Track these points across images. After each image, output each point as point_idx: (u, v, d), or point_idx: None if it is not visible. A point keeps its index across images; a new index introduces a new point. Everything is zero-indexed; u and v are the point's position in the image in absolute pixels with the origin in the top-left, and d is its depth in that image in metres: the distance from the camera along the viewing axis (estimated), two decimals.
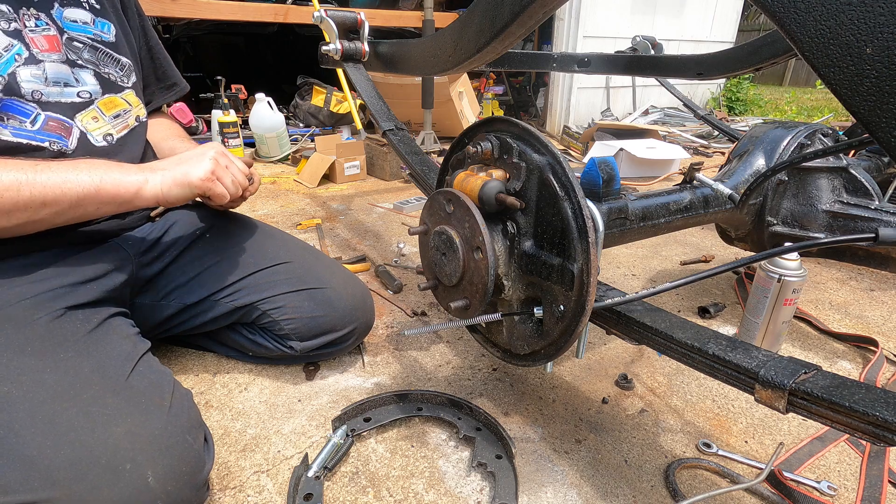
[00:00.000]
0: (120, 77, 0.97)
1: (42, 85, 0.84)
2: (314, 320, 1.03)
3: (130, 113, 0.99)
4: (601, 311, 0.75)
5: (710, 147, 3.57)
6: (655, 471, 0.87)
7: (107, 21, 0.95)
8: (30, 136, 0.82)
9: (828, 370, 0.56)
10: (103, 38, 0.94)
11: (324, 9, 1.28)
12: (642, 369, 1.15)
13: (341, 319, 1.06)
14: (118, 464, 0.58)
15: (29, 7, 0.83)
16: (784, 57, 1.21)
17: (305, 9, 3.07)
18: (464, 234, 0.72)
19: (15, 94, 0.80)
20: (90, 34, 0.91)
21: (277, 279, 1.04)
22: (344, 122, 3.50)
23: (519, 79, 4.66)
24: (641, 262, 1.75)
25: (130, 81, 0.99)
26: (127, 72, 0.98)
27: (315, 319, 1.03)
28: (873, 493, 0.83)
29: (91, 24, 0.92)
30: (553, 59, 1.69)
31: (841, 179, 1.14)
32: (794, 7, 0.33)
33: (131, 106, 0.99)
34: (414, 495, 0.82)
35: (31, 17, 0.83)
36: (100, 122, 0.92)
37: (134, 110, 1.00)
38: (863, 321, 1.36)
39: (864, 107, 0.33)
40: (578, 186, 0.65)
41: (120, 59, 0.97)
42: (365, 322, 1.11)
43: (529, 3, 0.59)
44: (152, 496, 0.59)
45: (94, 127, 0.91)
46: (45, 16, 0.85)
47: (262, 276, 1.04)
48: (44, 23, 0.84)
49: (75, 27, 0.89)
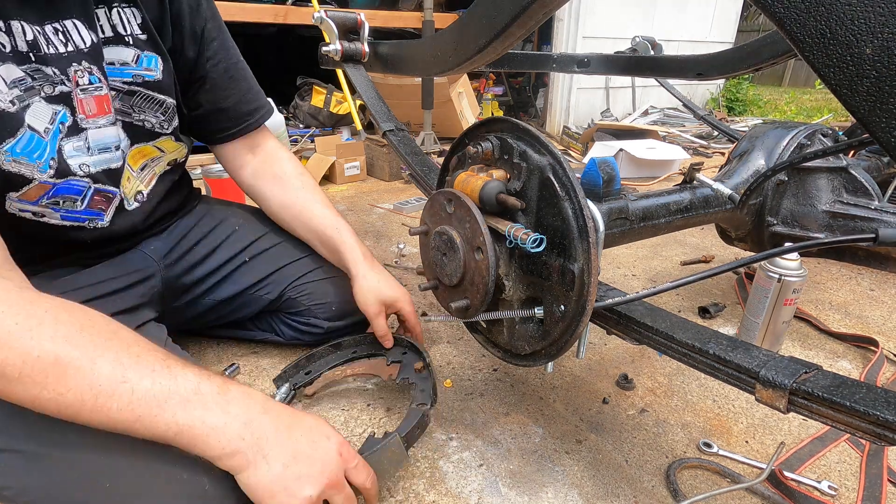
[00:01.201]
0: (159, 122, 0.85)
1: (86, 155, 0.75)
2: (341, 305, 1.06)
3: (161, 159, 0.89)
4: (602, 311, 0.75)
5: (710, 147, 3.57)
6: (656, 471, 0.87)
7: (153, 54, 0.81)
8: (75, 217, 0.77)
9: (828, 370, 0.56)
10: (146, 77, 0.80)
11: (324, 9, 1.28)
12: (643, 369, 1.15)
13: None
14: (176, 474, 0.59)
15: (80, 61, 0.71)
16: (784, 57, 1.21)
17: (305, 9, 3.07)
18: (464, 234, 0.72)
19: (68, 175, 0.73)
20: (129, 77, 0.79)
21: (306, 270, 1.06)
22: (344, 122, 3.50)
23: (519, 79, 4.66)
24: (642, 263, 1.75)
25: (171, 126, 0.87)
26: (169, 115, 0.86)
27: (342, 304, 1.06)
28: (874, 492, 0.83)
29: (133, 62, 0.79)
30: (553, 59, 1.69)
31: (841, 179, 1.14)
32: (794, 7, 0.33)
33: (164, 152, 0.89)
34: (415, 495, 0.82)
35: (84, 73, 0.71)
36: (132, 182, 0.84)
37: (167, 156, 0.90)
38: (863, 321, 1.36)
39: (864, 107, 0.33)
40: (579, 187, 0.65)
41: (164, 101, 0.84)
42: None
43: (529, 4, 0.59)
44: (211, 502, 0.60)
45: (128, 189, 0.84)
46: (98, 69, 0.73)
47: (292, 269, 1.06)
48: (96, 79, 0.73)
49: (112, 72, 0.77)
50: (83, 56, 0.71)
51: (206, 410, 0.55)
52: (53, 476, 0.57)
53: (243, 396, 0.58)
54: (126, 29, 0.78)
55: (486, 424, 0.97)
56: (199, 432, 0.54)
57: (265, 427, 0.58)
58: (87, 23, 0.72)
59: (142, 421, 0.53)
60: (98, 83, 0.73)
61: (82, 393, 0.51)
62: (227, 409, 0.56)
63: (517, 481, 0.84)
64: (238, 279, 1.03)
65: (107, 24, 0.76)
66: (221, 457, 0.55)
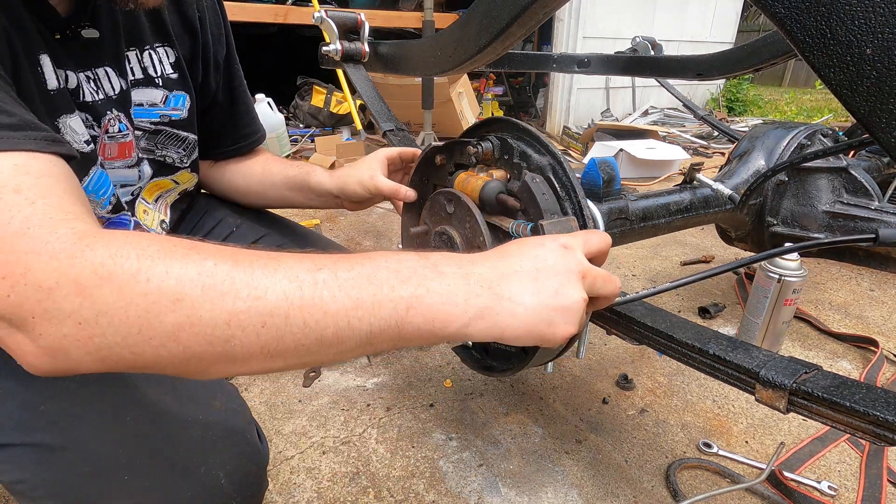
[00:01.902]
0: (179, 157, 0.85)
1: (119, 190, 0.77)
2: None
3: (174, 190, 0.89)
4: (602, 312, 0.75)
5: (710, 148, 3.57)
6: (656, 471, 0.87)
7: (182, 93, 0.81)
8: None
9: (828, 370, 0.56)
10: (173, 116, 0.81)
11: (324, 9, 1.28)
12: (643, 369, 1.15)
13: None
14: (193, 469, 0.59)
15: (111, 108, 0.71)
16: (784, 57, 1.21)
17: (305, 9, 3.08)
18: (465, 234, 0.72)
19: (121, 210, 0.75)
20: (156, 118, 0.79)
21: None
22: (344, 122, 3.50)
23: (519, 79, 4.66)
24: (642, 263, 1.75)
25: (191, 160, 0.87)
26: (190, 150, 0.86)
27: None
28: (874, 492, 0.83)
29: (161, 103, 0.79)
30: (553, 59, 1.69)
31: (841, 180, 1.14)
32: (795, 7, 0.33)
33: (178, 184, 0.89)
34: (415, 495, 0.82)
35: (115, 122, 0.72)
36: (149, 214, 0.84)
37: (180, 186, 0.90)
38: (863, 321, 1.36)
39: (864, 107, 0.33)
40: (579, 187, 0.65)
41: (186, 138, 0.84)
42: None
43: (530, 4, 0.59)
44: (226, 496, 0.60)
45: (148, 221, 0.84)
46: (125, 116, 0.74)
47: None
48: (125, 126, 0.74)
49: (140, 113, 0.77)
50: (113, 104, 0.71)
51: (424, 279, 0.44)
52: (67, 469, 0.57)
53: (443, 257, 0.48)
54: (157, 70, 0.78)
55: (486, 424, 0.97)
56: (433, 301, 0.43)
57: (485, 271, 0.47)
58: (118, 69, 0.72)
59: (362, 305, 0.41)
60: (125, 131, 0.74)
61: (284, 291, 0.40)
62: (442, 270, 0.46)
63: (517, 481, 0.84)
64: None
65: (137, 67, 0.76)
66: (469, 322, 0.45)
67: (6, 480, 0.58)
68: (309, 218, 2.10)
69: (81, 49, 0.67)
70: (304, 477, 0.85)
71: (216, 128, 0.93)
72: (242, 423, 0.68)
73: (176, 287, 0.38)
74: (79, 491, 0.57)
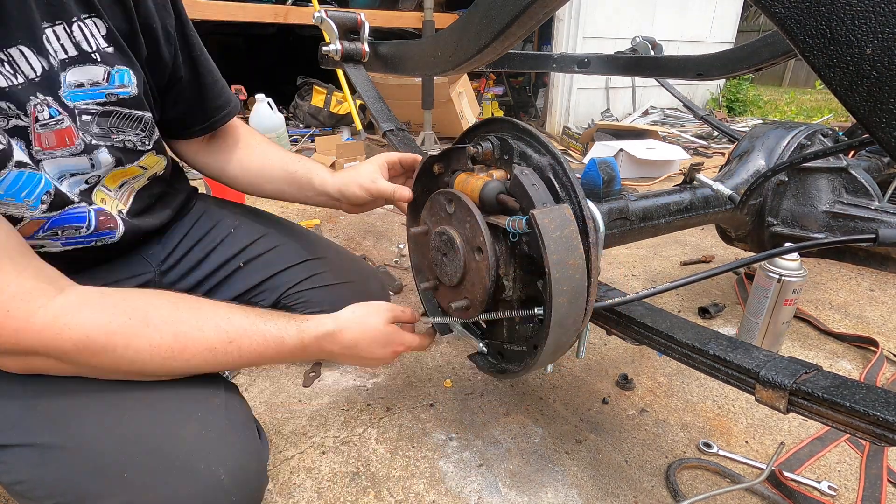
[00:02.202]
0: (140, 140, 0.79)
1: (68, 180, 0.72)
2: None
3: (142, 177, 0.84)
4: (602, 312, 0.75)
5: (710, 148, 3.57)
6: (656, 471, 0.87)
7: (125, 68, 0.73)
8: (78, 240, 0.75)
9: (828, 370, 0.56)
10: (120, 94, 0.73)
11: (324, 9, 1.28)
12: (643, 369, 1.15)
13: None
14: (193, 465, 0.59)
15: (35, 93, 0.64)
16: (784, 57, 1.21)
17: (305, 9, 3.08)
18: (465, 234, 0.72)
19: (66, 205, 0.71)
20: (101, 97, 0.71)
21: (302, 276, 1.04)
22: (344, 122, 3.50)
23: (519, 79, 4.66)
24: (641, 263, 1.75)
25: (152, 141, 0.82)
26: (149, 130, 0.80)
27: None
28: (873, 492, 0.83)
29: (104, 80, 0.71)
30: (553, 59, 1.69)
31: (841, 180, 1.14)
32: (795, 7, 0.33)
33: (145, 169, 0.84)
34: (415, 495, 0.82)
35: (43, 107, 0.65)
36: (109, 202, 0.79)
37: (149, 171, 0.85)
38: (863, 321, 1.36)
39: (864, 107, 0.33)
40: (579, 187, 0.65)
41: (142, 117, 0.78)
42: None
43: (530, 4, 0.59)
44: (226, 492, 0.60)
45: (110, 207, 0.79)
46: (54, 100, 0.66)
47: (288, 275, 1.03)
48: (56, 111, 0.66)
49: (82, 94, 0.70)
50: (36, 87, 0.63)
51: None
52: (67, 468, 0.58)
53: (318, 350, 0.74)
54: (91, 44, 0.69)
55: (486, 424, 0.97)
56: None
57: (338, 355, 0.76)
58: (36, 48, 0.63)
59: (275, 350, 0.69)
60: (59, 116, 0.66)
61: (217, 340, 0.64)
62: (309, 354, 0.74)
63: (517, 481, 0.84)
64: (233, 284, 1.01)
65: (68, 42, 0.67)
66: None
67: (6, 481, 0.58)
68: (309, 218, 2.10)
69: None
70: (304, 477, 0.85)
71: (184, 105, 0.88)
72: (242, 419, 0.69)
73: None
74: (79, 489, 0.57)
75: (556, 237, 0.60)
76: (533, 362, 0.70)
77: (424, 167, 0.86)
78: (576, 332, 0.67)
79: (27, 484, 0.58)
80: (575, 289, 0.62)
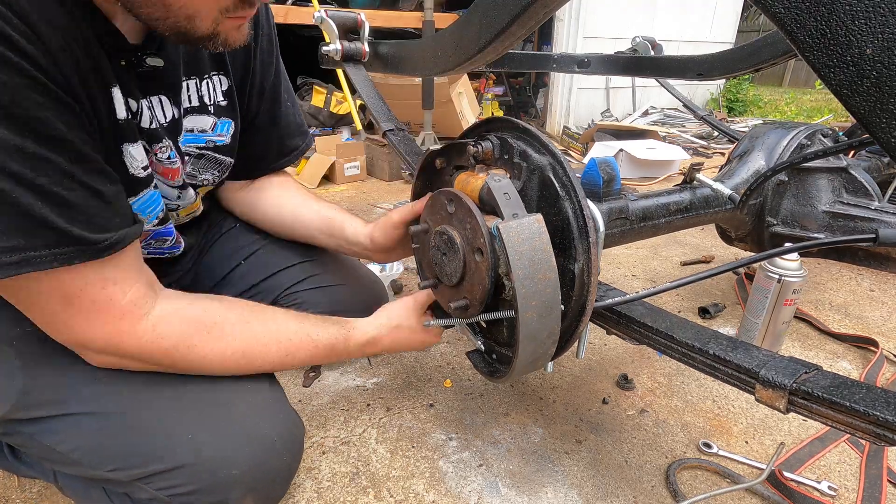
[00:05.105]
0: (213, 178, 0.86)
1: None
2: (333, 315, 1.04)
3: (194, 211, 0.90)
4: (602, 312, 0.75)
5: (710, 148, 3.57)
6: (656, 471, 0.87)
7: (228, 120, 0.82)
8: (161, 251, 0.82)
9: (828, 370, 0.56)
10: (217, 142, 0.82)
11: (324, 9, 1.28)
12: (643, 369, 1.15)
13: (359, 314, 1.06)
14: (250, 429, 0.67)
15: (163, 138, 0.72)
16: (784, 58, 1.21)
17: (305, 9, 3.07)
18: (465, 234, 0.72)
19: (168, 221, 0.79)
20: (202, 143, 0.80)
21: (300, 277, 1.04)
22: (344, 122, 3.50)
23: (519, 79, 4.66)
24: (641, 263, 1.75)
25: (220, 180, 0.89)
26: (223, 172, 0.87)
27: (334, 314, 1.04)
28: (873, 492, 0.83)
29: (210, 129, 0.80)
30: (553, 59, 1.68)
31: (841, 180, 1.14)
32: (794, 7, 0.33)
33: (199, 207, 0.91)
34: (415, 496, 0.82)
35: (165, 150, 0.74)
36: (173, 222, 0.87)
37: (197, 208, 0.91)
38: (863, 321, 1.36)
39: (864, 107, 0.33)
40: (579, 186, 0.65)
41: (224, 161, 0.85)
42: None
43: (530, 4, 0.59)
44: (279, 454, 0.68)
45: None
46: (173, 145, 0.75)
47: (286, 276, 1.03)
48: (174, 154, 0.75)
49: (191, 139, 0.78)
50: (165, 132, 0.72)
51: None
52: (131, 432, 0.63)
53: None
54: (210, 98, 0.79)
55: (486, 424, 0.97)
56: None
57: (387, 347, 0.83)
58: (173, 98, 0.73)
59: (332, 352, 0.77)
60: (174, 159, 0.75)
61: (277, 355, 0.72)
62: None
63: (517, 481, 0.84)
64: (233, 284, 1.01)
65: (195, 95, 0.76)
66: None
67: (62, 450, 0.62)
68: None
69: (144, 76, 0.67)
70: (303, 477, 0.85)
71: (252, 150, 0.93)
72: (283, 396, 0.76)
73: None
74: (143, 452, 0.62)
75: (524, 251, 0.59)
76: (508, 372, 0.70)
77: (426, 162, 0.86)
78: (553, 343, 0.66)
79: (84, 451, 0.62)
80: (545, 303, 0.60)
